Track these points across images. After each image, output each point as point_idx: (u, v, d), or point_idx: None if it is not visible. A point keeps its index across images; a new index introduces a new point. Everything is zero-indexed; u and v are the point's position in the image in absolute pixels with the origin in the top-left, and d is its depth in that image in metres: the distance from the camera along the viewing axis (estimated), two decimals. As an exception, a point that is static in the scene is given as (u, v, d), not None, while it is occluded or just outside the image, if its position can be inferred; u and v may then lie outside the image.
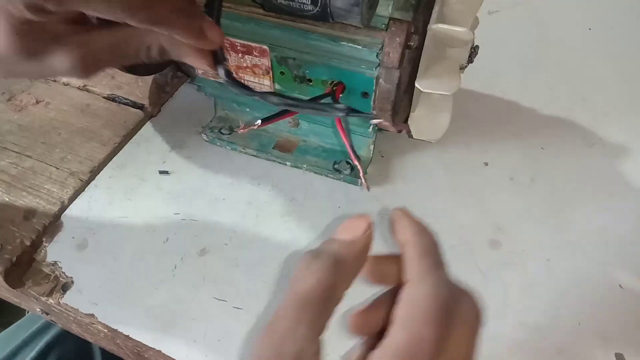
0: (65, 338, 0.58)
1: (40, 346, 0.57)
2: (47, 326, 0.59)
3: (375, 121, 0.33)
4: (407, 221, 0.25)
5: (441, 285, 0.22)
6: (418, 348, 0.20)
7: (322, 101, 0.36)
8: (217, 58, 0.31)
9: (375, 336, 0.23)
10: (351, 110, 0.33)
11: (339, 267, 0.22)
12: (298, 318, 0.21)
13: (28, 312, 0.66)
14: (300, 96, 0.36)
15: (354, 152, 0.39)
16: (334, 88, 0.38)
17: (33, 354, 0.56)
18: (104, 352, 0.58)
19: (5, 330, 0.61)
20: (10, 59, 0.27)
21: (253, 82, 0.41)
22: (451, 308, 0.21)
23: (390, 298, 0.24)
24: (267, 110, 0.41)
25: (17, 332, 0.60)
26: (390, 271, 0.25)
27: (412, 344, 0.20)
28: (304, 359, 0.21)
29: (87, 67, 0.28)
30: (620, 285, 0.40)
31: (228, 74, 0.31)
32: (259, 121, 0.34)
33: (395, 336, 0.21)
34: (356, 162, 0.36)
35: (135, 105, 0.51)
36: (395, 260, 0.25)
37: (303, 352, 0.21)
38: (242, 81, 0.42)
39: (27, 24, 0.26)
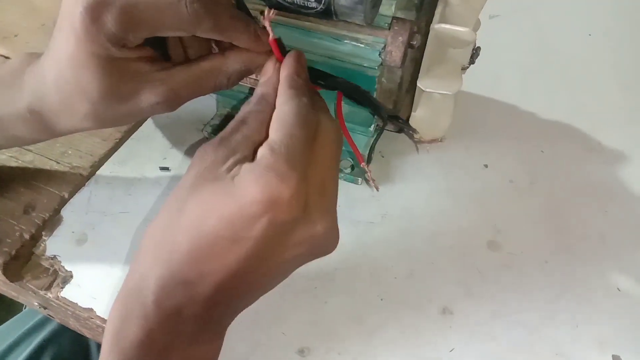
0: (61, 334, 0.58)
1: (37, 342, 0.57)
2: (44, 322, 0.59)
3: (411, 132, 0.34)
4: (289, 62, 0.31)
5: (301, 103, 0.29)
6: (289, 140, 0.27)
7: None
8: (284, 52, 0.34)
9: None
10: (392, 117, 0.34)
11: (263, 99, 0.30)
12: (235, 128, 0.28)
13: (25, 308, 0.66)
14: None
15: (361, 154, 0.39)
16: None
17: (29, 349, 0.56)
18: (100, 348, 0.58)
19: (1, 325, 0.61)
20: (102, 101, 0.31)
21: (257, 79, 0.41)
22: (312, 120, 0.29)
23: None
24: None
25: (13, 327, 0.60)
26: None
27: (283, 139, 0.27)
28: (233, 155, 0.27)
29: (171, 101, 0.32)
30: (618, 288, 0.40)
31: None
32: None
33: (271, 137, 0.27)
34: (363, 164, 0.36)
35: (136, 102, 0.51)
36: None
37: (234, 150, 0.27)
38: (253, 79, 0.42)
39: (113, 63, 0.29)
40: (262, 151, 0.27)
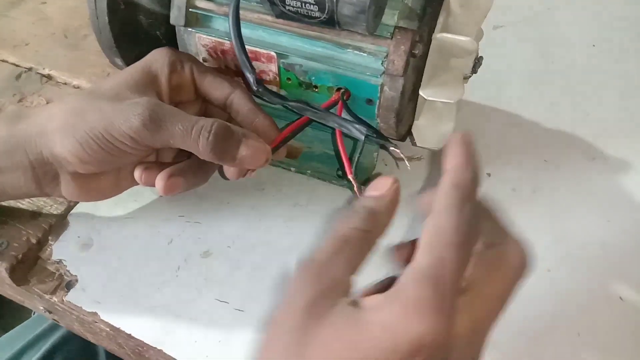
0: (70, 341, 0.58)
1: (46, 348, 0.57)
2: (53, 328, 0.59)
3: (392, 149, 0.35)
4: (456, 150, 0.27)
5: (464, 214, 0.24)
6: (440, 269, 0.22)
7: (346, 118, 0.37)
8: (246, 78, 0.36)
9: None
10: (369, 135, 0.34)
11: (372, 216, 0.26)
12: (336, 252, 0.24)
13: (34, 314, 0.66)
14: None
15: (350, 165, 0.40)
16: (344, 97, 0.38)
17: (38, 355, 0.57)
18: (108, 355, 0.58)
19: (11, 331, 0.62)
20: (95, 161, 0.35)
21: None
22: (473, 239, 0.24)
23: None
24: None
25: (22, 333, 0.60)
26: None
27: (433, 265, 0.22)
28: (339, 287, 0.24)
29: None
30: (620, 297, 0.40)
31: (260, 83, 0.36)
32: None
33: (418, 260, 0.23)
34: (350, 177, 0.38)
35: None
36: None
37: (339, 281, 0.24)
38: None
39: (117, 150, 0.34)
40: (404, 279, 0.23)
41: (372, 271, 0.28)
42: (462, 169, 0.26)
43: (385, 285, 0.25)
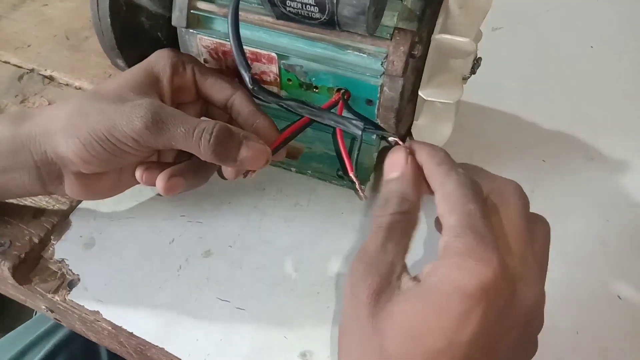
0: (73, 341, 0.59)
1: (48, 348, 0.58)
2: (55, 329, 0.59)
3: (392, 139, 0.35)
4: (417, 147, 0.30)
5: (460, 175, 0.27)
6: (469, 219, 0.25)
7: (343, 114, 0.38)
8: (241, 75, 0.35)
9: None
10: (366, 127, 0.35)
11: (405, 199, 0.28)
12: (385, 239, 0.26)
13: (36, 314, 0.67)
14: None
15: (351, 163, 0.40)
16: (344, 97, 0.39)
17: (40, 356, 0.57)
18: (110, 355, 0.59)
19: (13, 331, 0.62)
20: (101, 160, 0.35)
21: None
22: (479, 189, 0.27)
23: None
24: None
25: (24, 334, 0.60)
26: None
27: (462, 219, 0.25)
28: (397, 269, 0.26)
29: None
30: (618, 296, 0.41)
31: (255, 81, 0.36)
32: None
33: (447, 222, 0.26)
34: (351, 174, 0.38)
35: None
36: None
37: (395, 263, 0.26)
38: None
39: (120, 151, 0.34)
40: (445, 241, 0.25)
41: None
42: (434, 153, 0.29)
43: None
